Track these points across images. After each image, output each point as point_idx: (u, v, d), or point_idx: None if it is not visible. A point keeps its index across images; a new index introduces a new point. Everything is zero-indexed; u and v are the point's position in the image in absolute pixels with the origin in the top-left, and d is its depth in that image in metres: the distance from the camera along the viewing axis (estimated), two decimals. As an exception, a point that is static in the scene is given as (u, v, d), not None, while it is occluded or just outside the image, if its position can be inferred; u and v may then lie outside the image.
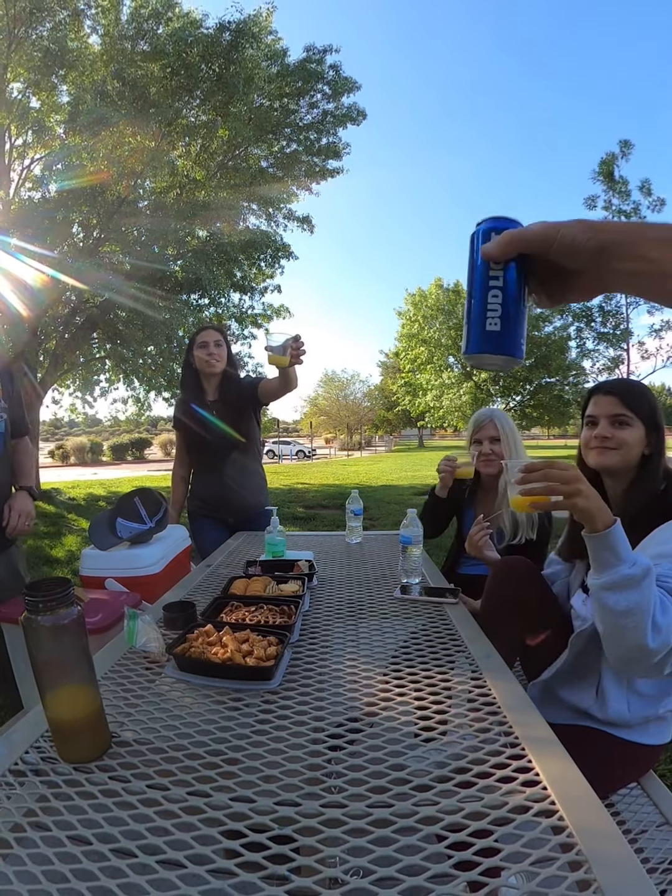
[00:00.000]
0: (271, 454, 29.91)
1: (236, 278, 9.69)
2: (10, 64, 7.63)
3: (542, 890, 0.51)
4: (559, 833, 0.58)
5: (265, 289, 10.56)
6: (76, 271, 6.97)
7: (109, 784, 0.70)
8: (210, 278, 8.51)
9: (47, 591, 0.71)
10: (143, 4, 8.29)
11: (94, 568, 1.97)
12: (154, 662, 1.08)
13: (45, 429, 45.90)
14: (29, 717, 0.87)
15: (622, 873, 0.52)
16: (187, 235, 8.93)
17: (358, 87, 9.52)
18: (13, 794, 0.69)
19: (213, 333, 2.32)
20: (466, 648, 1.11)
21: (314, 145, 9.90)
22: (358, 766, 0.73)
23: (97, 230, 8.57)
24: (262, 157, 9.99)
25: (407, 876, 0.54)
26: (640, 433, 1.18)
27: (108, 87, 7.91)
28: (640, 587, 0.91)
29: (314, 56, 9.13)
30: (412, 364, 25.02)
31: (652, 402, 1.21)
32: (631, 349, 14.77)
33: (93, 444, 28.38)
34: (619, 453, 1.18)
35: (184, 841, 0.59)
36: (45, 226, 7.33)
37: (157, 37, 8.14)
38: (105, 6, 8.26)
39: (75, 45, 8.03)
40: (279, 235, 10.27)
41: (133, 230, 8.77)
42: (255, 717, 0.87)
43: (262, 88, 8.76)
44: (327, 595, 1.50)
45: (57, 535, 5.99)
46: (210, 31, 8.20)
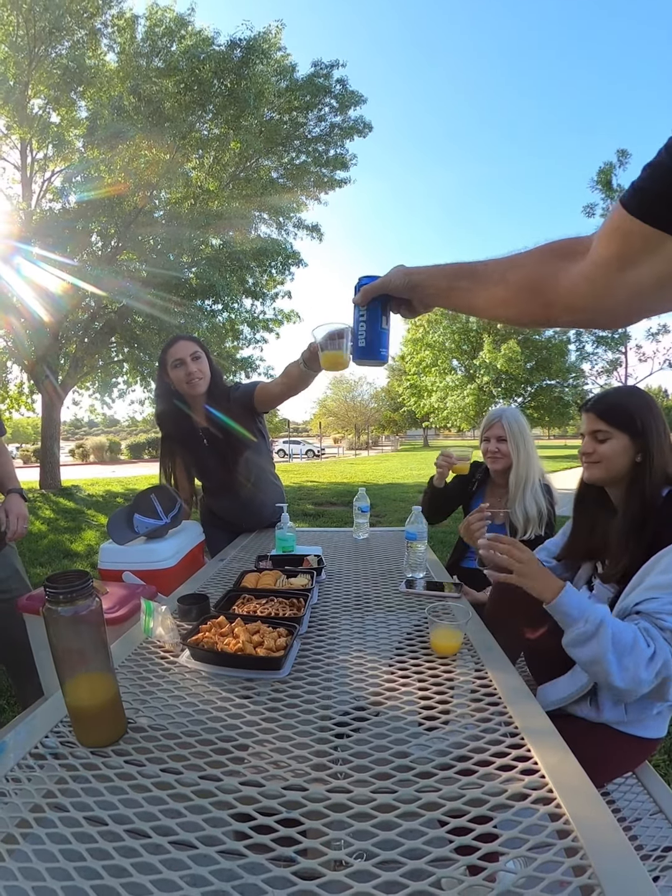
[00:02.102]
0: (282, 453, 29.96)
1: (248, 285, 9.71)
2: (31, 81, 7.70)
3: (539, 875, 0.50)
4: (556, 820, 0.58)
5: (276, 295, 10.58)
6: (95, 278, 7.02)
7: (125, 768, 0.71)
8: (223, 285, 8.54)
9: (67, 584, 0.72)
10: (158, 23, 8.34)
11: (111, 561, 1.97)
12: (169, 652, 1.08)
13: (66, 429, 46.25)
14: (49, 703, 0.88)
15: (616, 860, 0.52)
16: (201, 244, 8.95)
17: (364, 100, 9.52)
18: (33, 777, 0.69)
19: (187, 346, 1.88)
20: (469, 641, 1.11)
21: (322, 157, 9.91)
22: (363, 753, 0.73)
23: (115, 239, 8.63)
24: (272, 169, 10.01)
25: (409, 859, 0.54)
26: (621, 444, 1.16)
27: (125, 103, 7.96)
28: (596, 639, 0.97)
29: (321, 71, 9.15)
30: (417, 367, 24.95)
31: (635, 409, 1.16)
32: (629, 352, 14.65)
33: (111, 444, 28.56)
34: (602, 466, 1.19)
35: (195, 823, 0.60)
36: (66, 235, 7.39)
37: (171, 54, 8.18)
38: (121, 25, 8.33)
39: (93, 63, 8.10)
40: (289, 243, 10.29)
41: (149, 239, 8.82)
42: (264, 705, 0.87)
43: (271, 102, 8.79)
44: (335, 589, 1.49)
45: (77, 529, 6.03)
46: (222, 48, 8.24)
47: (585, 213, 14.21)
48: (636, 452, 1.16)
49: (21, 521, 1.66)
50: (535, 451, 1.86)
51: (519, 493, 1.80)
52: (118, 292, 7.63)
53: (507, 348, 20.19)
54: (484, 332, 22.23)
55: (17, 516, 1.65)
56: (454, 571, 1.88)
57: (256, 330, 10.66)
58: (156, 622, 1.12)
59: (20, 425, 31.83)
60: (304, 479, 12.44)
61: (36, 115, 8.11)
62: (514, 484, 1.82)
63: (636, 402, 1.18)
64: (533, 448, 1.85)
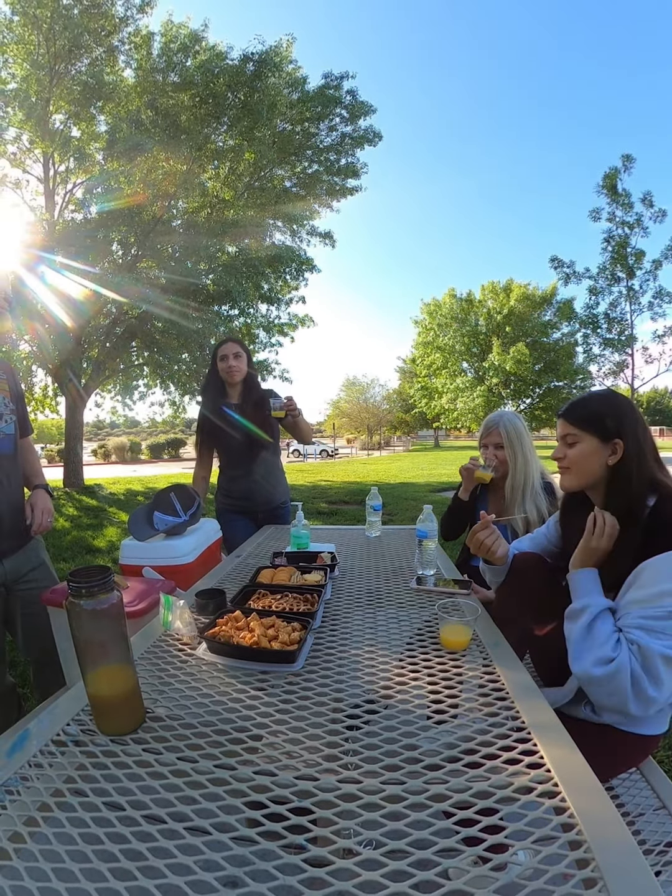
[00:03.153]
0: (297, 453, 30.00)
1: (263, 290, 9.73)
2: (52, 97, 7.81)
3: (543, 867, 0.50)
4: (561, 814, 0.57)
5: (290, 300, 10.59)
6: (116, 286, 7.09)
7: (143, 755, 0.71)
8: (239, 291, 8.57)
9: (90, 578, 0.73)
10: (173, 39, 8.39)
11: (132, 557, 2.00)
12: (186, 645, 1.09)
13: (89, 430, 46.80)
14: (71, 693, 0.89)
15: (619, 854, 0.51)
16: (218, 251, 9.00)
17: (374, 110, 9.50)
18: (55, 762, 0.71)
19: (231, 346, 2.30)
20: (478, 636, 1.10)
21: (334, 166, 9.91)
22: (373, 745, 0.73)
23: (135, 248, 8.71)
24: (285, 178, 10.03)
25: (416, 849, 0.53)
26: (590, 446, 1.11)
27: (143, 117, 8.04)
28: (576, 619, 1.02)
29: (332, 82, 9.14)
30: (428, 369, 24.85)
31: (605, 411, 1.11)
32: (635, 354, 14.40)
33: (132, 444, 28.81)
34: (572, 472, 1.16)
35: (210, 810, 0.60)
36: (87, 244, 7.48)
37: (186, 69, 8.22)
38: (137, 42, 8.40)
39: (111, 79, 8.18)
40: (303, 250, 10.31)
41: (168, 247, 8.88)
42: (278, 697, 0.87)
43: (284, 114, 8.81)
44: (348, 585, 1.49)
45: (99, 526, 6.08)
46: (235, 62, 8.27)
47: (592, 217, 13.97)
48: (608, 454, 1.10)
49: (46, 515, 1.67)
50: (533, 454, 1.82)
51: (518, 498, 1.77)
52: (138, 299, 7.71)
53: (516, 350, 20.02)
54: (493, 334, 22.07)
55: (42, 511, 1.66)
56: (464, 569, 1.87)
57: (272, 334, 10.68)
58: (174, 616, 1.13)
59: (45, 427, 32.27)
60: (318, 479, 12.44)
61: (57, 130, 8.22)
62: (510, 490, 1.79)
63: (609, 405, 1.13)
64: (531, 451, 1.81)
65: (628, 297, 14.19)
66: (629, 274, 13.92)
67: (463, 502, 1.96)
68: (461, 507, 1.97)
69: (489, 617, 1.22)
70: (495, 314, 22.45)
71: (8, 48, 7.68)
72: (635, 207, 13.67)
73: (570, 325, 17.00)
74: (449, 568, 1.68)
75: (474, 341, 22.85)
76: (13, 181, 8.41)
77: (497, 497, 1.91)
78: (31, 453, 1.82)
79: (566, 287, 14.72)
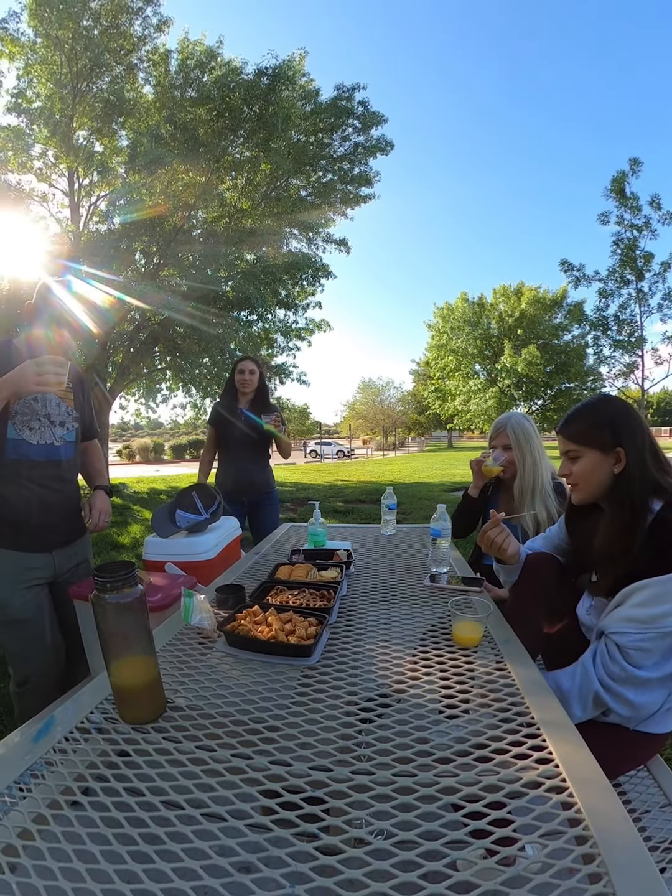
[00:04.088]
0: (314, 454, 30.02)
1: (281, 296, 9.75)
2: (75, 114, 7.92)
3: (550, 861, 0.49)
4: (568, 809, 0.57)
5: (307, 305, 10.59)
6: (139, 293, 7.17)
7: (163, 744, 0.72)
8: (258, 297, 8.61)
9: (114, 573, 0.73)
10: (189, 56, 8.44)
11: (155, 553, 2.02)
12: (206, 638, 1.10)
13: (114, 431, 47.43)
14: (95, 683, 0.91)
15: (625, 850, 0.50)
16: (237, 259, 9.05)
17: (385, 119, 9.44)
18: (78, 749, 0.72)
19: (248, 364, 2.76)
20: (489, 634, 1.09)
21: (348, 175, 9.86)
22: (386, 738, 0.72)
23: (157, 257, 8.80)
24: (301, 187, 10.02)
25: (426, 840, 0.53)
26: (593, 459, 1.08)
27: (162, 131, 8.09)
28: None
29: (344, 94, 9.09)
30: (441, 372, 24.66)
31: (603, 422, 1.08)
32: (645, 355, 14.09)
33: (155, 445, 29.15)
34: (581, 488, 1.13)
35: (226, 797, 0.60)
36: (111, 254, 7.59)
37: (203, 84, 8.26)
38: (156, 60, 8.48)
39: (131, 96, 8.27)
40: (319, 257, 10.29)
41: (188, 256, 8.95)
42: (294, 689, 0.88)
43: (298, 125, 8.79)
44: (363, 581, 1.49)
45: (123, 524, 6.16)
46: (250, 76, 8.27)
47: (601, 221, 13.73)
48: (612, 463, 1.06)
49: (103, 515, 1.73)
50: (542, 455, 1.78)
51: (527, 499, 1.73)
52: (161, 305, 7.78)
53: (528, 353, 19.76)
54: (505, 337, 21.83)
55: (100, 511, 1.72)
56: (476, 568, 1.85)
57: (290, 338, 10.70)
58: (195, 610, 1.13)
59: (72, 428, 32.76)
60: (334, 479, 12.44)
61: (81, 146, 8.34)
62: (518, 492, 1.76)
63: (602, 413, 1.09)
64: (540, 452, 1.77)
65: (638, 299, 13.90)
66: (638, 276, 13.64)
67: (473, 500, 1.94)
68: (471, 504, 1.95)
69: (501, 614, 1.21)
70: (507, 317, 22.19)
71: (32, 69, 7.85)
72: (643, 210, 13.40)
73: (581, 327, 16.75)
74: (462, 566, 1.66)
75: (486, 344, 22.60)
76: (40, 195, 8.56)
77: (507, 498, 1.88)
78: (95, 455, 1.90)
79: (576, 290, 14.46)
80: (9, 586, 1.49)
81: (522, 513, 1.70)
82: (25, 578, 1.51)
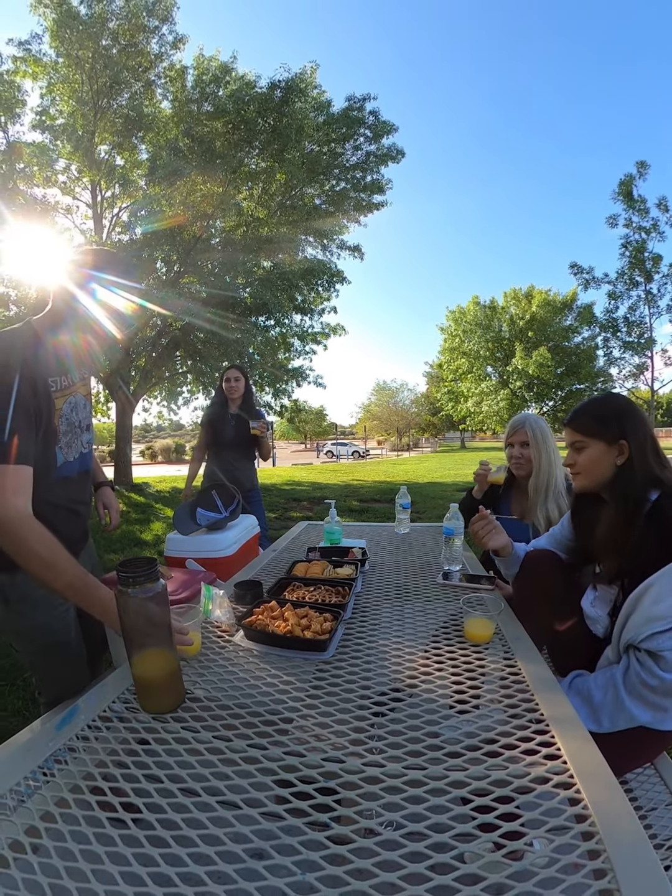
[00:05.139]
0: (330, 454, 30.04)
1: (297, 302, 9.78)
2: (97, 130, 8.07)
3: (556, 856, 0.49)
4: (575, 805, 0.56)
5: (323, 310, 10.61)
6: (161, 300, 7.27)
7: (181, 733, 0.73)
8: (275, 302, 8.65)
9: (137, 569, 0.74)
10: (205, 72, 8.53)
11: (176, 550, 2.04)
12: (225, 632, 1.11)
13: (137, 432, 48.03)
14: (117, 673, 0.92)
15: (630, 846, 0.50)
16: (254, 266, 9.10)
17: (395, 128, 9.40)
18: (100, 736, 0.73)
19: (234, 372, 2.98)
20: (500, 631, 1.08)
21: (360, 183, 9.84)
22: (397, 732, 0.72)
23: (177, 265, 8.90)
24: (315, 196, 10.03)
25: (434, 832, 0.53)
26: (597, 450, 1.11)
27: (180, 144, 8.18)
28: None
29: (355, 104, 9.09)
30: (454, 374, 24.46)
31: (609, 415, 1.11)
32: (654, 356, 13.80)
33: (177, 445, 29.40)
34: (583, 476, 1.16)
35: (241, 786, 0.61)
36: (134, 263, 7.69)
37: (219, 98, 8.34)
38: (172, 76, 8.59)
39: (150, 111, 8.41)
40: (333, 263, 10.31)
41: (207, 264, 9.04)
42: (309, 683, 0.88)
43: (311, 136, 8.81)
44: (377, 579, 1.49)
45: (146, 521, 6.23)
46: (263, 89, 8.33)
47: (609, 224, 13.49)
48: (616, 455, 1.10)
49: (116, 513, 1.67)
50: (557, 455, 1.76)
51: (540, 499, 1.71)
52: (181, 312, 7.87)
53: (538, 355, 19.49)
54: (516, 340, 21.57)
55: (116, 509, 1.67)
56: (488, 566, 1.83)
57: (306, 342, 10.73)
58: (214, 605, 1.15)
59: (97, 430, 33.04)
60: (350, 478, 12.42)
61: (103, 160, 8.49)
62: (533, 490, 1.74)
63: (610, 408, 1.13)
64: (555, 452, 1.76)
65: (647, 300, 13.62)
66: (647, 278, 13.36)
67: (475, 500, 1.94)
68: (473, 504, 1.94)
69: (512, 612, 1.20)
70: (518, 320, 21.90)
71: (55, 87, 8.03)
72: (651, 213, 13.12)
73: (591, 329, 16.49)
74: (474, 564, 1.65)
75: (498, 346, 22.35)
76: (64, 207, 8.74)
77: (521, 496, 1.86)
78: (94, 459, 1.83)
79: (586, 292, 14.23)
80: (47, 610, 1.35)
81: (536, 512, 1.70)
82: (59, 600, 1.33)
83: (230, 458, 2.97)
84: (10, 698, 2.10)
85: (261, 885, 0.47)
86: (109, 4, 7.75)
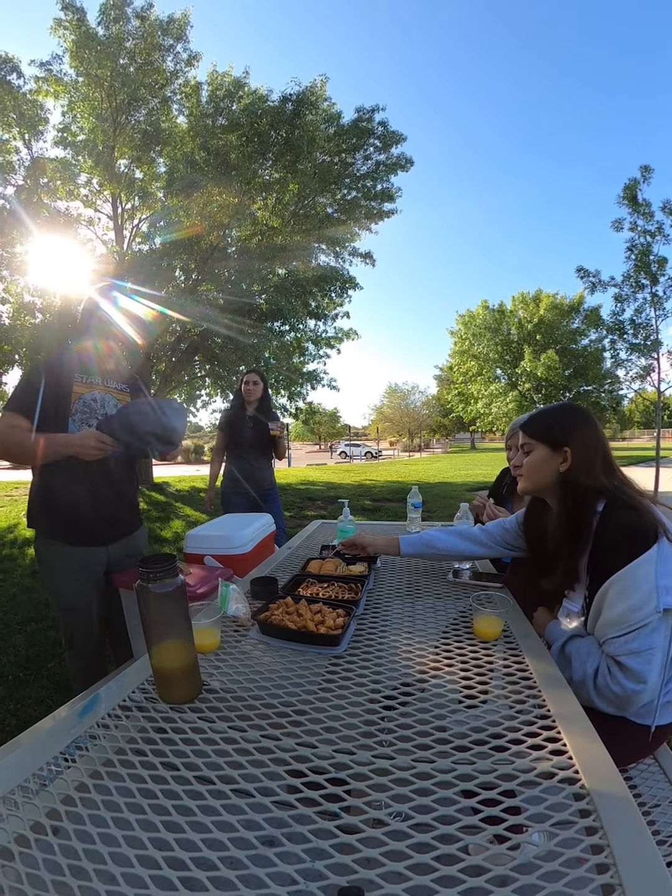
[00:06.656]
0: (343, 455, 30.04)
1: (311, 307, 9.78)
2: (116, 145, 8.19)
3: (559, 849, 0.48)
4: (580, 800, 0.55)
5: (336, 315, 10.62)
6: (179, 307, 7.34)
7: (198, 723, 0.73)
8: (289, 308, 8.68)
9: (157, 565, 0.75)
10: (219, 87, 8.59)
11: (195, 547, 2.05)
12: (241, 626, 1.12)
13: (159, 436, 48.25)
14: (137, 664, 0.93)
15: (633, 842, 0.49)
16: (269, 273, 9.14)
17: (404, 138, 9.37)
18: (120, 725, 0.74)
19: (253, 376, 3.04)
20: (508, 628, 1.07)
21: (370, 191, 9.83)
22: (407, 725, 0.72)
23: (195, 273, 8.99)
24: (327, 205, 10.04)
25: (441, 824, 0.52)
26: (542, 454, 1.11)
27: (197, 157, 8.25)
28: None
29: (364, 115, 9.08)
30: (464, 376, 24.28)
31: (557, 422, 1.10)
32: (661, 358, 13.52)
33: (196, 446, 29.65)
34: (526, 478, 1.16)
35: (254, 775, 0.61)
36: (153, 272, 7.82)
37: (233, 112, 8.40)
38: (188, 92, 8.68)
39: (167, 126, 8.48)
40: (346, 270, 10.30)
41: (224, 271, 9.10)
42: (322, 676, 0.88)
43: (322, 147, 8.83)
44: (389, 576, 1.48)
45: (166, 519, 6.29)
46: (275, 103, 8.36)
47: (614, 228, 13.26)
48: (560, 461, 1.08)
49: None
50: None
51: None
52: (200, 318, 7.94)
53: (547, 357, 19.26)
54: (524, 342, 21.34)
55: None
56: (497, 565, 1.81)
57: (320, 347, 10.76)
58: (231, 600, 1.15)
59: (120, 433, 33.76)
60: (363, 478, 12.40)
61: (122, 173, 8.62)
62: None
63: (560, 416, 1.12)
64: None
65: (653, 303, 13.33)
66: (653, 281, 13.07)
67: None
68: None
69: (520, 610, 1.18)
70: (526, 323, 21.66)
71: (76, 105, 8.19)
72: (656, 216, 12.87)
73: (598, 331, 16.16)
74: (484, 563, 1.64)
75: (507, 349, 22.12)
76: (87, 219, 8.90)
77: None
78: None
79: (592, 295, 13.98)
80: (61, 578, 1.54)
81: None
82: (75, 570, 1.54)
83: (249, 458, 3.01)
84: (35, 687, 2.14)
85: (271, 872, 0.48)
86: (126, 25, 7.88)
